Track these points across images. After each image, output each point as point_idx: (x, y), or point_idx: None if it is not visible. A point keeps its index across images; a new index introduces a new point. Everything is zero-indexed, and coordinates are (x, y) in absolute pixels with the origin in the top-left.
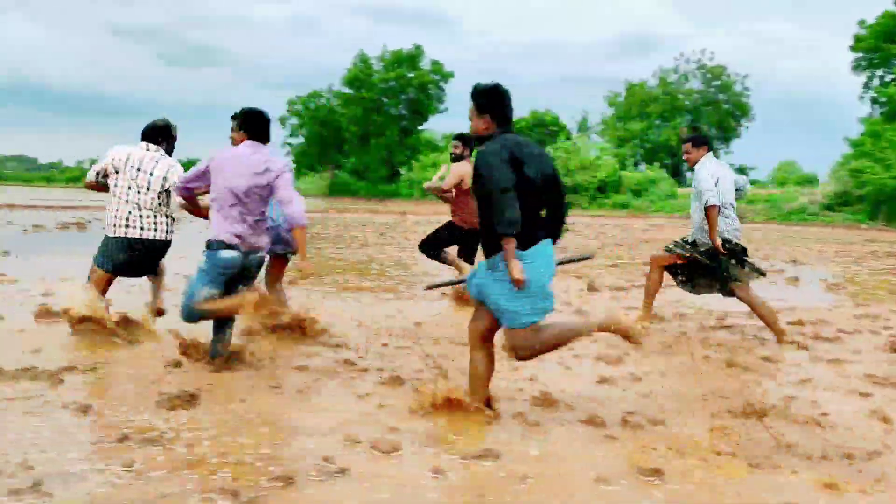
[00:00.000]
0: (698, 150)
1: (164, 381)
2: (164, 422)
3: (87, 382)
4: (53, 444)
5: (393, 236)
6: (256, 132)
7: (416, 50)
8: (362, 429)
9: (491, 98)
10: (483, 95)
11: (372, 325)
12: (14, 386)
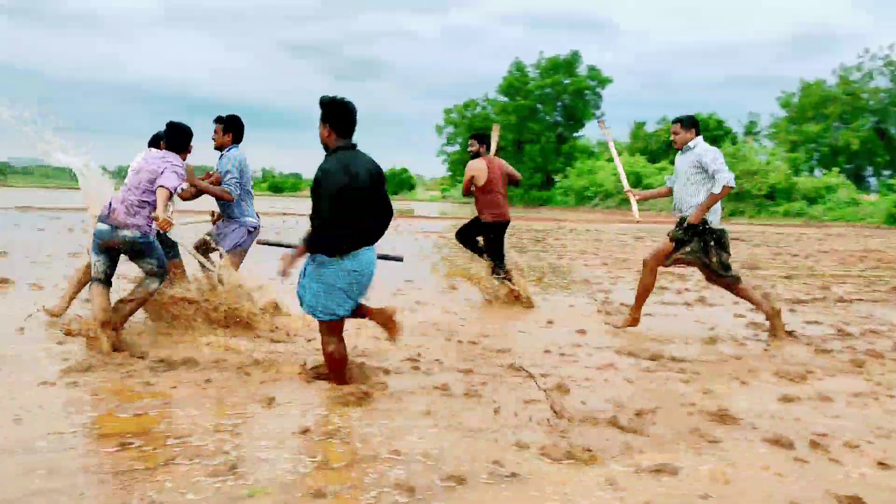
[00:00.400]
0: (687, 132)
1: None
2: (339, 417)
3: (269, 377)
4: (245, 431)
5: (550, 243)
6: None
7: (573, 56)
8: (531, 434)
9: (330, 110)
10: (324, 106)
11: (535, 332)
12: (207, 375)
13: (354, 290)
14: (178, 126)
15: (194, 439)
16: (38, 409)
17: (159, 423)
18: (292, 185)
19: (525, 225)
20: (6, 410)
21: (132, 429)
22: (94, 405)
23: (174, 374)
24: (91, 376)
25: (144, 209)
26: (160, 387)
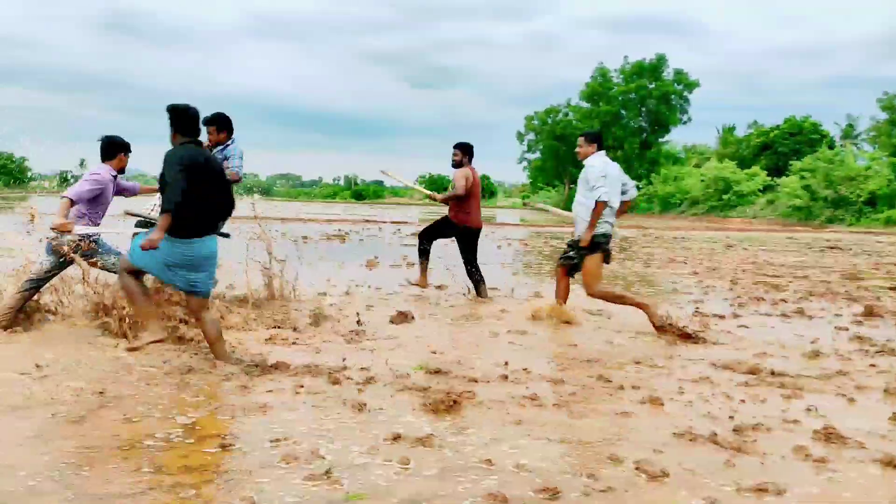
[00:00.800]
0: (589, 146)
1: (425, 385)
2: (429, 425)
3: (359, 382)
4: (338, 436)
5: (634, 251)
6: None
7: (658, 59)
8: (625, 448)
9: (172, 116)
10: (168, 112)
11: (625, 343)
12: (301, 381)
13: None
14: (105, 138)
15: (290, 443)
16: (144, 409)
17: (256, 426)
18: (374, 193)
19: None
20: (115, 409)
21: (231, 431)
22: (195, 407)
23: (268, 378)
24: (191, 378)
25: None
26: (256, 390)
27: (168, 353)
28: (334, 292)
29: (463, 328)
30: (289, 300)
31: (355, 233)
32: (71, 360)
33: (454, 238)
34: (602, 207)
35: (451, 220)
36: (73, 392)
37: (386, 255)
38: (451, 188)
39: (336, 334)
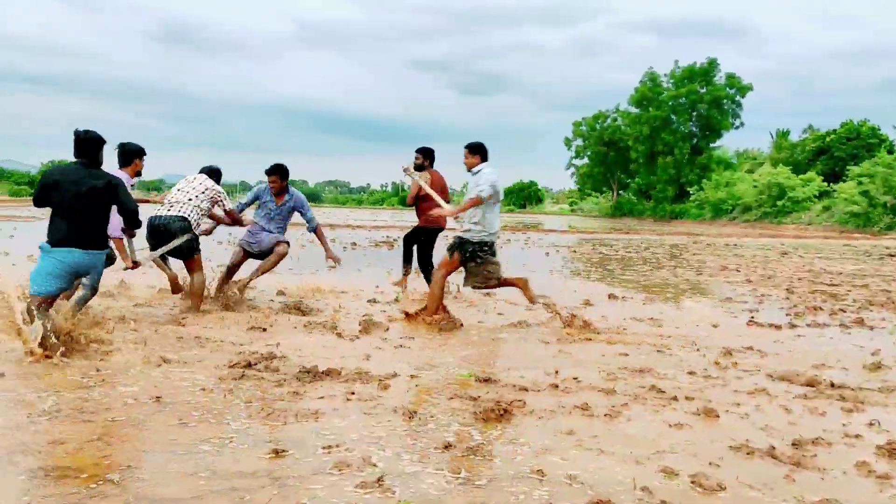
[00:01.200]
0: (473, 157)
1: (475, 393)
2: (480, 434)
3: (410, 389)
4: (389, 444)
5: (686, 259)
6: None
7: (710, 64)
8: (680, 460)
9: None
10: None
11: (677, 353)
12: (352, 388)
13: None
14: (122, 145)
15: (342, 450)
16: (199, 414)
17: (308, 433)
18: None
19: (657, 239)
20: (171, 414)
21: (283, 437)
22: (248, 412)
23: (319, 384)
24: (244, 384)
25: None
26: (307, 397)
27: (221, 359)
28: (383, 299)
29: (512, 336)
30: (337, 308)
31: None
32: (128, 366)
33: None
34: (478, 202)
35: (421, 224)
36: (130, 396)
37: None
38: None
39: (385, 341)
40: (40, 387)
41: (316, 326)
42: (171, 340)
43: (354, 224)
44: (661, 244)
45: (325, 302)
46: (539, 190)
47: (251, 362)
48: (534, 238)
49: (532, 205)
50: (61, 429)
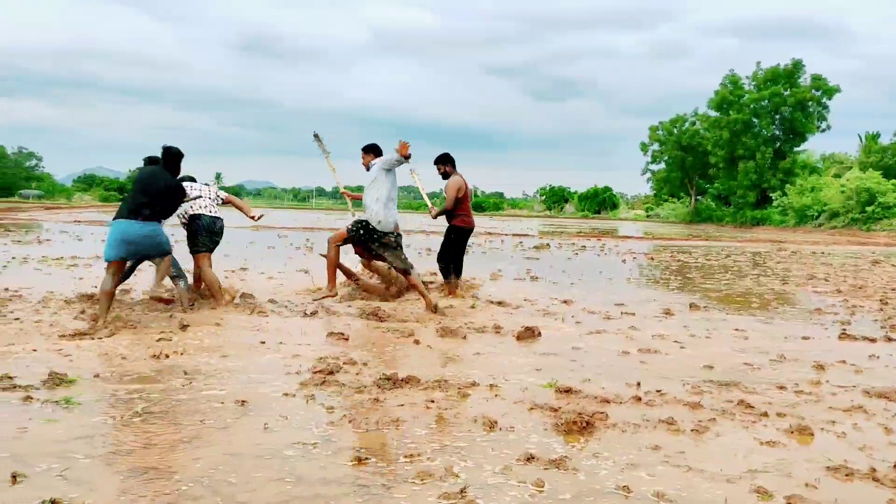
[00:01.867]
0: (367, 156)
1: (556, 404)
2: (562, 446)
3: (489, 399)
4: (470, 455)
5: (770, 267)
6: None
7: (794, 65)
8: (773, 480)
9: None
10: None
11: (765, 365)
12: (431, 396)
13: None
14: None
15: (423, 459)
16: (283, 420)
17: (390, 441)
18: (494, 205)
19: (738, 247)
20: (256, 419)
21: (366, 444)
22: (329, 419)
23: (399, 391)
24: (326, 390)
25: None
26: (388, 404)
27: (303, 365)
28: (458, 305)
29: (592, 346)
30: (410, 314)
31: (477, 245)
32: (214, 370)
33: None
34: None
35: (458, 224)
36: (216, 400)
37: (509, 268)
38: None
39: (463, 349)
40: (132, 388)
41: (393, 333)
42: (253, 346)
43: (429, 230)
44: (743, 251)
45: (401, 308)
46: (614, 196)
47: (332, 369)
48: (609, 245)
49: (606, 210)
50: (153, 430)
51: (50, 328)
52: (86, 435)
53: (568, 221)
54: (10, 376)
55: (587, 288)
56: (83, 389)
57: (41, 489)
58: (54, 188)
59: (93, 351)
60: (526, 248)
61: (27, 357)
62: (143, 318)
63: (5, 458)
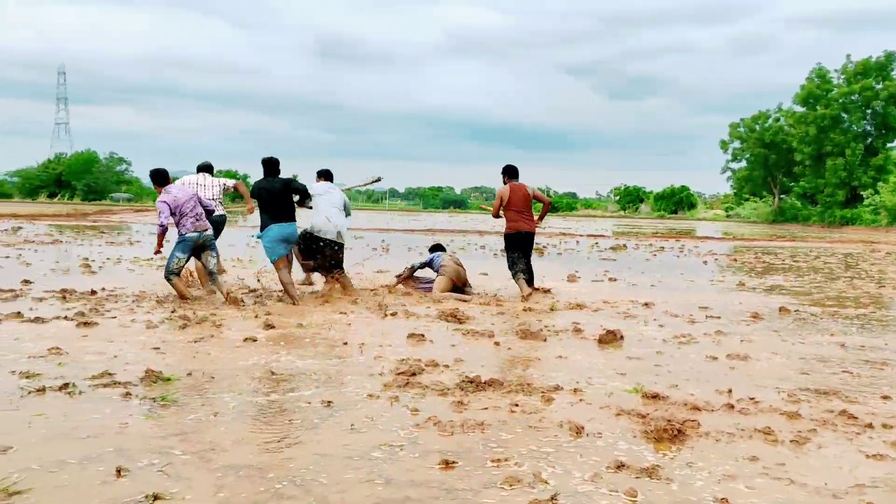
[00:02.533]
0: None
1: (643, 411)
2: (653, 454)
3: (574, 404)
4: (558, 460)
5: (864, 269)
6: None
7: (888, 57)
8: (884, 497)
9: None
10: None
11: (862, 374)
12: (515, 399)
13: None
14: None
15: (511, 464)
16: (368, 421)
17: (476, 444)
18: (567, 205)
19: (828, 247)
20: (342, 419)
21: (452, 447)
22: (415, 420)
23: (482, 394)
24: (409, 392)
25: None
26: (472, 407)
27: (385, 366)
28: (538, 307)
29: (675, 350)
30: (493, 317)
31: (553, 246)
32: (300, 369)
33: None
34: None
35: (505, 232)
36: (304, 401)
37: (586, 270)
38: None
39: (544, 352)
40: (223, 387)
41: (473, 335)
42: (335, 347)
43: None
44: (833, 252)
45: (479, 310)
46: (691, 195)
47: (414, 371)
48: (689, 245)
49: (683, 210)
50: (244, 428)
51: (144, 327)
52: (182, 432)
53: (643, 222)
54: (110, 373)
55: (668, 290)
56: (178, 387)
57: (143, 484)
58: (142, 191)
59: (184, 350)
60: (602, 248)
61: (125, 355)
62: (228, 319)
63: (110, 453)
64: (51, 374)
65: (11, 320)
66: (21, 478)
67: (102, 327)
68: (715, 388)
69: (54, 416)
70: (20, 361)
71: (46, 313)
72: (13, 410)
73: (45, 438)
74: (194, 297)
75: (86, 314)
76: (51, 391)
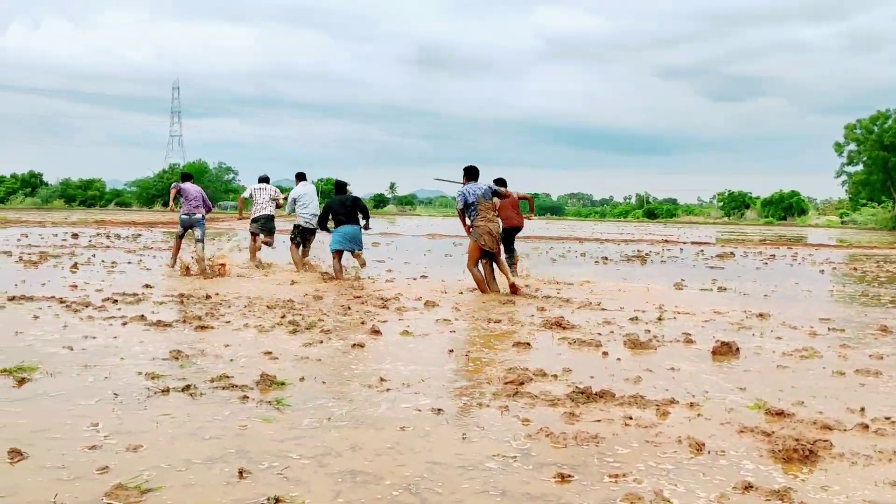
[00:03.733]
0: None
1: (767, 428)
2: (784, 475)
3: (691, 419)
4: (680, 479)
5: None
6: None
7: None
8: None
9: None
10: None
11: None
12: (628, 412)
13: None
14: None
15: (630, 480)
16: (479, 430)
17: (591, 458)
18: (667, 211)
19: None
20: (453, 428)
21: (566, 460)
22: (527, 431)
23: (594, 405)
24: (519, 401)
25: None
26: (584, 419)
27: (493, 374)
28: (644, 317)
29: (796, 364)
30: (599, 325)
31: (655, 254)
32: (408, 376)
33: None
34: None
35: (504, 226)
36: (414, 408)
37: (692, 278)
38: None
39: (653, 362)
40: (335, 391)
41: (579, 344)
42: (441, 354)
43: (602, 237)
44: None
45: (585, 318)
46: (802, 200)
47: (522, 380)
48: (802, 253)
49: (793, 217)
50: (357, 433)
51: (257, 332)
52: (298, 436)
53: (749, 228)
54: (227, 376)
55: (783, 301)
56: (291, 392)
57: (265, 486)
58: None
59: (296, 355)
60: (708, 256)
61: (240, 358)
62: (336, 325)
63: (232, 454)
64: (174, 375)
65: (137, 322)
66: (152, 476)
67: (218, 331)
68: (846, 407)
69: (179, 417)
70: (145, 363)
71: (167, 316)
72: (142, 410)
73: (171, 438)
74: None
75: (202, 318)
76: (174, 392)
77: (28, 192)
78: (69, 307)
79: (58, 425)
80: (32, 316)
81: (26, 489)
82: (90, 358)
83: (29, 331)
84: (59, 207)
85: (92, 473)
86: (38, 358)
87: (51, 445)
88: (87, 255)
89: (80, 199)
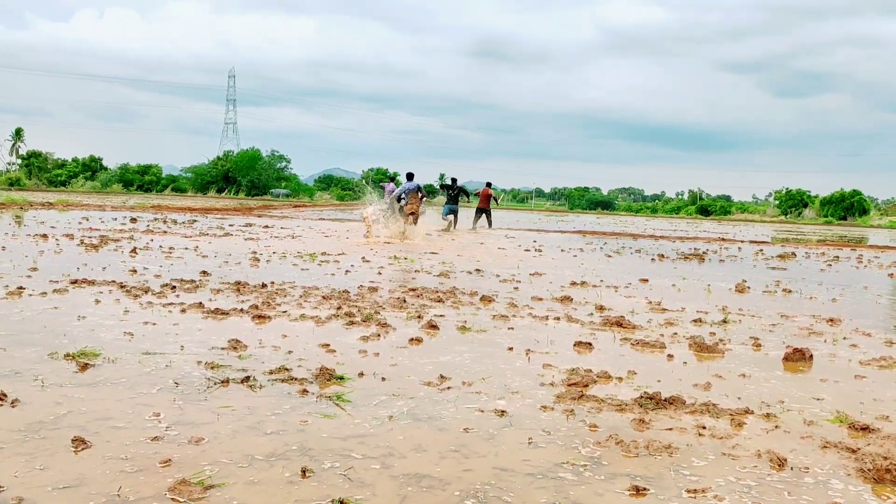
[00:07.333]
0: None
1: (852, 444)
2: (873, 497)
3: (769, 431)
4: (763, 496)
5: None
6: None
7: None
8: None
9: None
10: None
11: None
12: (701, 421)
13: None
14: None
15: (709, 497)
16: (545, 434)
17: (665, 470)
18: (721, 209)
19: None
20: (518, 431)
21: (639, 471)
22: (595, 438)
23: (664, 413)
24: (584, 405)
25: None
26: (654, 427)
27: (556, 375)
28: (708, 319)
29: (878, 374)
30: (661, 325)
31: (713, 252)
32: (468, 374)
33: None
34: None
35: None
36: (476, 409)
37: (754, 279)
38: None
39: (722, 368)
40: (393, 389)
41: (642, 346)
42: (501, 351)
43: (657, 234)
44: None
45: (646, 318)
46: (863, 200)
47: (586, 382)
48: (867, 256)
49: (854, 216)
50: (420, 434)
51: (314, 324)
52: (360, 434)
53: (807, 228)
54: (286, 368)
55: (853, 305)
56: (351, 387)
57: (328, 487)
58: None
59: (353, 349)
60: (768, 256)
61: (298, 350)
62: (392, 319)
63: (294, 451)
64: (233, 365)
65: (195, 310)
66: (214, 471)
67: (275, 321)
68: None
69: (240, 409)
70: (204, 352)
71: (224, 305)
72: (202, 401)
73: (233, 432)
74: None
75: (259, 307)
76: (234, 383)
77: (88, 175)
78: (129, 292)
79: (120, 414)
80: (94, 300)
81: (91, 480)
82: (150, 345)
83: (91, 316)
84: (117, 192)
85: (155, 466)
86: (100, 344)
87: (113, 435)
88: (145, 240)
89: (138, 183)
